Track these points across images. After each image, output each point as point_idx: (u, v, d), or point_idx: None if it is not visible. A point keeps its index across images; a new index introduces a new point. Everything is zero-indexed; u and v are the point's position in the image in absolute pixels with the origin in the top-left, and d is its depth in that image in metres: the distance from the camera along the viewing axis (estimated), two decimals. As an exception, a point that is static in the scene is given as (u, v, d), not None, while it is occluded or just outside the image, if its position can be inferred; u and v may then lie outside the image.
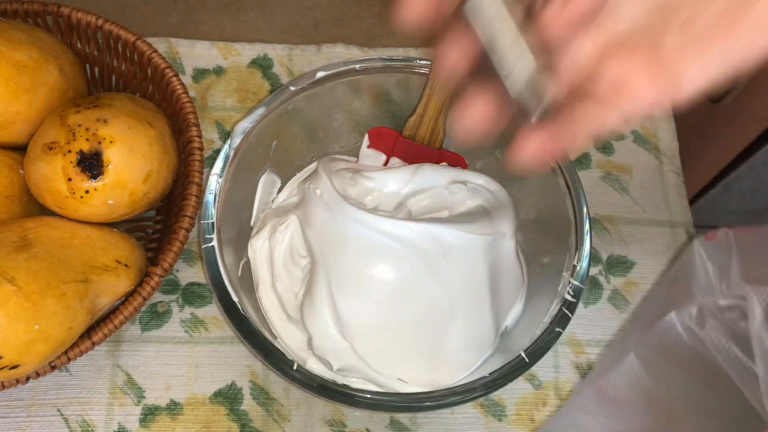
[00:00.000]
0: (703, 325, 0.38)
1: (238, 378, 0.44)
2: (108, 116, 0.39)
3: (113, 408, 0.43)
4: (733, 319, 0.36)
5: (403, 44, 0.57)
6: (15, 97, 0.39)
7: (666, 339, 0.39)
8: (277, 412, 0.44)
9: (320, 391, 0.37)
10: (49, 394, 0.43)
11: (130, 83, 0.48)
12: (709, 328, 0.37)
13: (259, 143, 0.43)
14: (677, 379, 0.39)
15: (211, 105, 0.53)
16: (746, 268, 0.36)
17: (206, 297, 0.47)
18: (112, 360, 0.44)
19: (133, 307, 0.39)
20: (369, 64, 0.44)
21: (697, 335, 0.38)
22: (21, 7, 0.45)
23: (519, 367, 0.37)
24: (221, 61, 0.55)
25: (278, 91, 0.43)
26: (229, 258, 0.41)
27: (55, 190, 0.38)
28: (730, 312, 0.37)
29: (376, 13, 0.59)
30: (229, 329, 0.46)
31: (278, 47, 0.56)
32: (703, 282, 0.38)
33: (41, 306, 0.35)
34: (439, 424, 0.44)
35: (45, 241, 0.38)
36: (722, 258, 0.38)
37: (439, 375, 0.41)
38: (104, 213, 0.39)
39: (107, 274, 0.39)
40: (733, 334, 0.36)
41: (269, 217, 0.45)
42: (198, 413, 0.43)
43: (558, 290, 0.40)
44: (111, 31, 0.45)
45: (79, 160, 0.37)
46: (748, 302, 0.35)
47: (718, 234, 0.39)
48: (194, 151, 0.43)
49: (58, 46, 0.43)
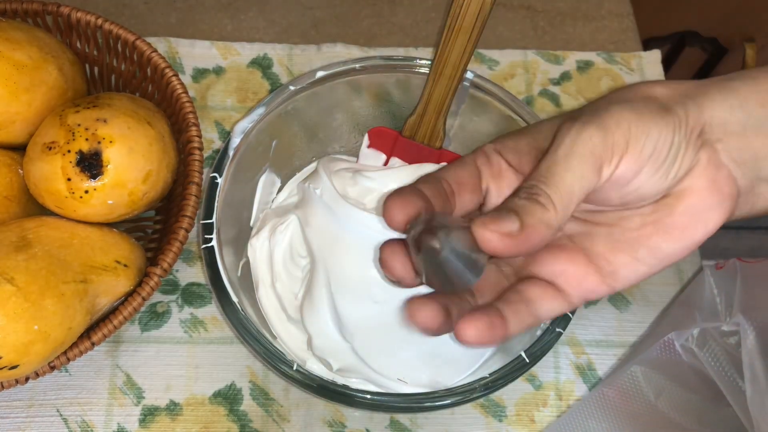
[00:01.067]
0: (703, 346, 0.40)
1: (237, 378, 0.44)
2: (107, 116, 0.38)
3: (113, 408, 0.43)
4: (732, 344, 0.39)
5: (403, 44, 0.57)
6: (14, 96, 0.39)
7: (665, 356, 0.41)
8: (276, 412, 0.44)
9: (320, 391, 0.36)
10: (49, 394, 0.43)
11: (129, 83, 0.48)
12: (708, 349, 0.39)
13: (258, 143, 0.43)
14: (676, 393, 0.41)
15: (211, 105, 0.53)
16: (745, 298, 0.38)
17: (206, 297, 0.47)
18: (111, 360, 0.44)
19: (132, 308, 0.39)
20: (369, 64, 0.44)
21: (696, 355, 0.40)
22: (20, 7, 0.45)
23: (519, 367, 0.37)
24: (221, 61, 0.55)
25: (278, 91, 0.43)
26: (229, 258, 0.41)
27: (54, 190, 0.38)
28: (731, 337, 0.39)
29: (376, 12, 0.59)
30: (229, 329, 0.46)
31: (278, 47, 0.56)
32: (708, 307, 0.40)
33: (40, 306, 0.35)
34: (439, 425, 0.44)
35: (44, 241, 0.38)
36: (729, 287, 0.40)
37: (439, 375, 0.41)
38: (104, 213, 0.39)
39: (107, 274, 0.39)
40: (731, 358, 0.39)
41: (269, 217, 0.45)
42: (197, 414, 0.43)
43: (558, 290, 0.40)
44: (110, 31, 0.45)
45: (79, 160, 0.37)
46: (740, 328, 0.37)
47: (727, 264, 0.41)
48: (194, 151, 0.43)
49: (58, 46, 0.43)
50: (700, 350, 0.40)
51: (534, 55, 0.57)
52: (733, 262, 0.41)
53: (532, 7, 0.60)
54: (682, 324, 0.40)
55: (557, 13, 0.60)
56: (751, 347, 0.36)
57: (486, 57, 0.57)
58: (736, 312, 0.38)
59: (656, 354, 0.40)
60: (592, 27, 0.59)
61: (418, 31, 0.58)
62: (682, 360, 0.40)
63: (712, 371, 0.39)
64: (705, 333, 0.40)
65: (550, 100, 0.55)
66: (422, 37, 0.58)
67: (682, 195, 0.28)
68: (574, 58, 0.57)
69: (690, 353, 0.40)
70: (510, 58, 0.57)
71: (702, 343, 0.40)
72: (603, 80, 0.56)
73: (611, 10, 0.60)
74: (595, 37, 0.59)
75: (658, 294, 0.48)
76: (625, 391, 0.41)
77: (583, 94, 0.56)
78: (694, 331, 0.40)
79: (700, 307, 0.40)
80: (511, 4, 0.60)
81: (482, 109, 0.45)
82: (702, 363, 0.40)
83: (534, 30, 0.59)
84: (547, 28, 0.59)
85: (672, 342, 0.40)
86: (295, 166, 0.48)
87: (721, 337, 0.39)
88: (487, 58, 0.57)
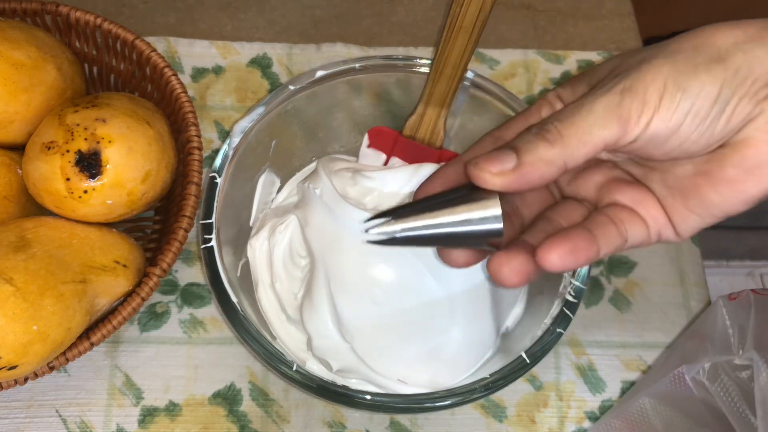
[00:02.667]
0: (714, 380, 0.38)
1: (237, 379, 0.44)
2: (106, 116, 0.38)
3: (112, 409, 0.43)
4: (744, 378, 0.37)
5: (403, 43, 0.57)
6: (13, 96, 0.39)
7: (675, 389, 0.39)
8: (276, 413, 0.43)
9: (320, 392, 0.36)
10: (48, 394, 0.43)
11: (128, 82, 0.48)
12: (720, 383, 0.38)
13: (258, 143, 0.43)
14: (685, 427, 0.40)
15: (210, 104, 0.53)
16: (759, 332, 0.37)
17: (205, 297, 0.47)
18: (110, 361, 0.44)
19: (131, 308, 0.39)
20: (369, 64, 0.44)
21: (708, 389, 0.38)
22: (19, 6, 0.45)
23: (520, 368, 0.37)
24: (220, 61, 0.55)
25: (278, 91, 0.43)
26: (228, 258, 0.40)
27: (53, 190, 0.38)
28: (744, 371, 0.37)
29: (376, 12, 0.59)
30: (228, 330, 0.45)
31: (277, 46, 0.56)
32: (720, 340, 0.39)
33: (39, 306, 0.35)
34: (439, 426, 0.44)
35: (43, 241, 0.37)
36: (742, 319, 0.38)
37: (440, 376, 0.41)
38: (103, 213, 0.39)
39: (106, 274, 0.39)
40: (744, 392, 0.37)
41: (268, 217, 0.45)
42: (197, 414, 0.43)
43: (559, 291, 0.40)
44: (110, 30, 0.45)
45: (78, 159, 0.37)
46: (753, 364, 0.36)
47: (741, 295, 0.39)
48: (193, 151, 0.43)
49: (57, 46, 0.42)
50: (711, 384, 0.38)
51: (535, 55, 0.57)
52: (746, 293, 0.39)
53: (533, 6, 0.60)
54: (693, 357, 0.39)
55: (558, 12, 0.60)
56: (764, 384, 0.35)
57: (486, 56, 0.56)
58: (749, 347, 0.36)
59: (666, 387, 0.39)
60: (592, 26, 0.59)
61: (418, 31, 0.58)
62: (692, 394, 0.39)
63: (723, 406, 0.38)
64: (717, 366, 0.38)
65: (551, 100, 0.55)
66: (422, 37, 0.58)
67: (738, 146, 0.27)
68: (575, 58, 0.57)
69: (701, 387, 0.39)
70: (510, 57, 0.57)
71: (713, 377, 0.38)
72: (604, 80, 0.56)
73: (612, 10, 0.60)
74: (596, 37, 0.59)
75: (659, 294, 0.48)
76: (632, 422, 0.40)
77: (584, 94, 0.55)
78: (706, 364, 0.39)
79: (712, 339, 0.39)
80: (511, 4, 0.60)
81: (483, 109, 0.45)
82: (713, 397, 0.38)
83: (535, 29, 0.59)
84: (548, 27, 0.59)
85: (682, 375, 0.39)
86: (294, 166, 0.48)
87: (733, 371, 0.38)
88: (488, 57, 0.56)
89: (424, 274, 0.40)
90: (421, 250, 0.40)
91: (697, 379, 0.39)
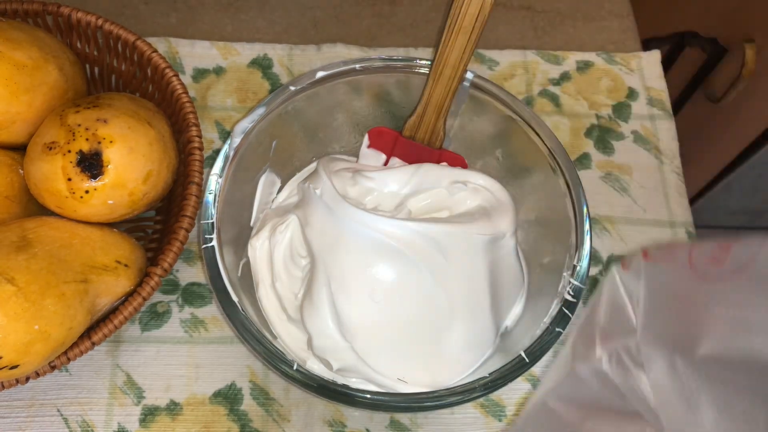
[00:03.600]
0: (615, 365, 0.33)
1: (237, 378, 0.44)
2: (108, 116, 0.38)
3: (113, 408, 0.43)
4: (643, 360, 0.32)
5: (403, 44, 0.57)
6: (15, 96, 0.39)
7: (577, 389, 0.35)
8: (276, 412, 0.44)
9: (320, 391, 0.37)
10: (49, 394, 0.43)
11: (129, 83, 0.48)
12: (620, 368, 0.33)
13: (259, 143, 0.43)
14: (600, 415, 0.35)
15: (211, 105, 0.53)
16: (649, 309, 0.31)
17: (206, 297, 0.47)
18: (111, 360, 0.44)
19: (132, 307, 0.39)
20: (369, 64, 0.44)
21: (610, 378, 0.34)
22: (21, 7, 0.45)
23: (519, 367, 0.37)
24: (221, 61, 0.55)
25: (278, 91, 0.43)
26: (229, 258, 0.41)
27: (54, 190, 0.38)
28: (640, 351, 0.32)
29: (376, 13, 0.59)
30: (229, 329, 0.46)
31: (278, 47, 0.56)
32: (615, 320, 0.33)
33: (41, 306, 0.35)
34: (439, 425, 0.44)
35: (45, 241, 0.38)
36: (635, 291, 0.32)
37: (439, 375, 0.41)
38: (104, 213, 0.39)
39: (107, 274, 0.39)
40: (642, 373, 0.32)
41: (269, 217, 0.45)
42: (198, 413, 0.43)
43: (558, 290, 0.40)
44: (111, 31, 0.45)
45: (79, 160, 0.37)
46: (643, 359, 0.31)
47: (633, 262, 0.32)
48: (194, 151, 0.43)
49: (58, 46, 0.43)
50: (612, 371, 0.33)
51: (534, 56, 0.57)
52: (637, 259, 0.32)
53: (532, 7, 0.60)
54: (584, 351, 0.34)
55: (557, 13, 0.60)
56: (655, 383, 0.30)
57: (486, 57, 0.57)
58: (638, 335, 0.31)
59: (567, 389, 0.35)
60: (591, 27, 0.59)
61: (418, 31, 0.58)
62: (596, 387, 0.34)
63: (626, 391, 0.33)
64: (617, 352, 0.33)
65: (550, 101, 0.55)
66: (422, 37, 0.58)
67: None
68: (574, 59, 0.57)
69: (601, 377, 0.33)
70: (510, 58, 0.57)
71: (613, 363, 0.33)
72: (603, 80, 0.56)
73: (611, 11, 0.60)
74: (595, 38, 0.59)
75: (658, 294, 0.48)
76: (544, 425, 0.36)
77: (583, 95, 0.56)
78: (604, 353, 0.33)
79: (611, 321, 0.33)
80: (511, 5, 0.60)
81: (482, 110, 0.45)
82: (616, 385, 0.33)
83: (534, 30, 0.59)
84: (547, 28, 0.59)
85: (582, 372, 0.34)
86: (295, 166, 0.48)
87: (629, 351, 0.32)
88: (487, 58, 0.57)
89: (424, 273, 0.40)
90: (421, 250, 0.40)
91: (598, 369, 0.33)
